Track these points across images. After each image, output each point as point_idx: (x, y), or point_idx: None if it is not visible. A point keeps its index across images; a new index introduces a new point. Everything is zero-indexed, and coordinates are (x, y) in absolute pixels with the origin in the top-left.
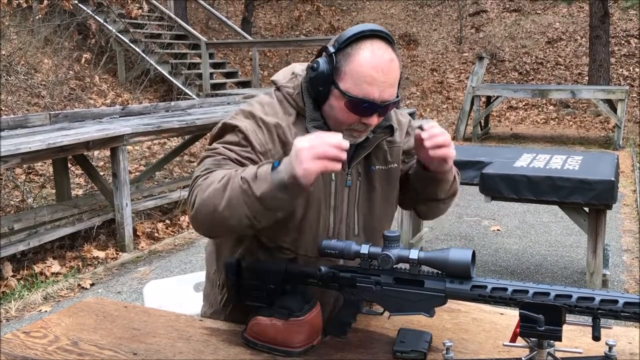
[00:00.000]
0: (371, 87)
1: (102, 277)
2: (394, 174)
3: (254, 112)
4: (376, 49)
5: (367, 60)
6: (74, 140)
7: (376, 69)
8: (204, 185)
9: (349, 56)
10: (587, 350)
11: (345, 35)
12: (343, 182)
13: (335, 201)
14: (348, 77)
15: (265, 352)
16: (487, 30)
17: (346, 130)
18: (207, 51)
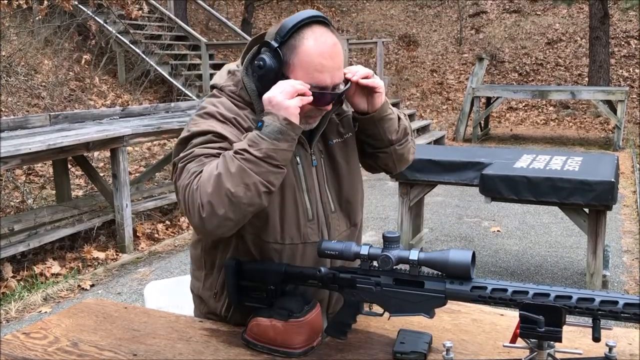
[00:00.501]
0: (322, 74)
1: (102, 278)
2: (350, 143)
3: (210, 112)
4: (318, 35)
5: (313, 49)
6: (74, 141)
7: (323, 55)
8: (203, 182)
9: (294, 48)
10: (587, 351)
11: (286, 27)
12: (309, 163)
13: (307, 183)
14: (298, 69)
15: (265, 353)
16: (487, 31)
17: (302, 117)
18: (207, 52)
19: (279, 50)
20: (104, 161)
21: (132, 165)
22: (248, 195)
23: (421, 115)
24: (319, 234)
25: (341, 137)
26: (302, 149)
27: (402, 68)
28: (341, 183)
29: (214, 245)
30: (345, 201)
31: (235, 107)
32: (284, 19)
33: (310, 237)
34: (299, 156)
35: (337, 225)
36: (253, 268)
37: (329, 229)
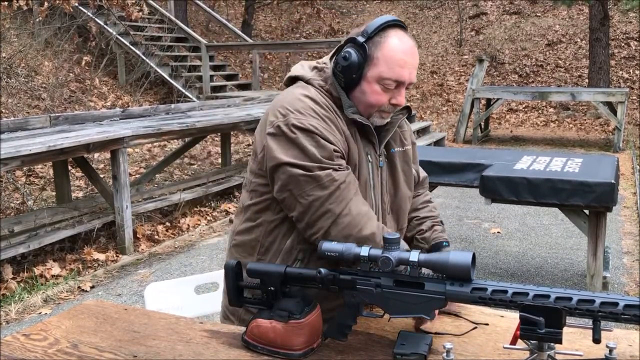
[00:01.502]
0: (402, 69)
1: (102, 279)
2: (409, 154)
3: (309, 106)
4: (401, 35)
5: (398, 46)
6: (74, 142)
7: (406, 53)
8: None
9: (380, 43)
10: (588, 353)
11: (373, 26)
12: (377, 164)
13: (374, 181)
14: (382, 62)
15: (266, 355)
16: (487, 32)
17: (376, 112)
18: (207, 54)
19: (365, 45)
20: (104, 162)
21: (132, 167)
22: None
23: (421, 116)
24: None
25: (402, 146)
26: (372, 149)
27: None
28: (397, 189)
29: (273, 229)
30: (397, 207)
31: (326, 104)
32: (370, 21)
33: None
34: (369, 154)
35: (390, 226)
36: (253, 269)
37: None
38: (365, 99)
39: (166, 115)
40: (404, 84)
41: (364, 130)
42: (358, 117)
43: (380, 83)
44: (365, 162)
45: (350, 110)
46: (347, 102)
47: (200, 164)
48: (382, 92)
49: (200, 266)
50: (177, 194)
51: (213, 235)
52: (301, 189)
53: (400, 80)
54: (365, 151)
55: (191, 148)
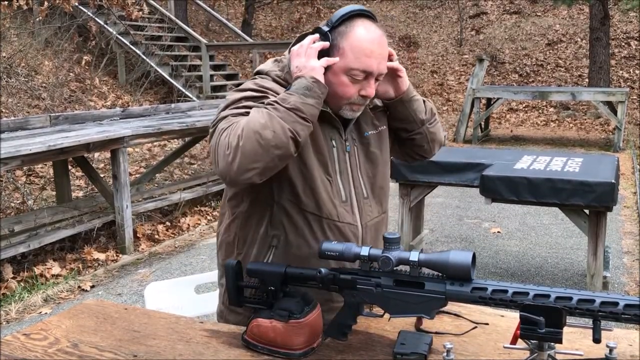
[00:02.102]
0: (370, 59)
1: (103, 279)
2: (384, 135)
3: (248, 86)
4: (368, 25)
5: (364, 35)
6: (74, 142)
7: (372, 42)
8: (233, 129)
9: (345, 33)
10: (588, 353)
11: (337, 15)
12: (343, 149)
13: (340, 166)
14: (348, 52)
15: (266, 354)
16: (487, 32)
17: (345, 105)
18: (207, 53)
19: (329, 35)
20: (104, 162)
21: (133, 166)
22: (276, 138)
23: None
24: (353, 217)
25: (376, 129)
26: (337, 134)
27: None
28: (375, 171)
29: (246, 220)
30: (379, 188)
31: (278, 86)
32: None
33: (345, 218)
34: (334, 140)
35: (369, 211)
36: (253, 268)
37: (361, 213)
38: (333, 91)
39: (166, 115)
40: (372, 75)
41: (325, 116)
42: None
43: (348, 74)
44: (329, 147)
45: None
46: None
47: (200, 164)
48: (350, 83)
49: (200, 266)
50: (177, 194)
51: (213, 235)
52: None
53: (368, 70)
54: (329, 136)
55: (191, 147)
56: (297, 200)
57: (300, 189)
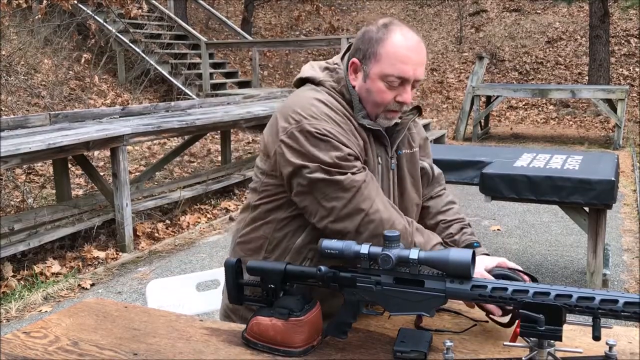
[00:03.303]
0: (406, 65)
1: (103, 277)
2: (417, 157)
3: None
4: (405, 31)
5: (400, 42)
6: (74, 140)
7: (409, 49)
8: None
9: (382, 40)
10: (588, 350)
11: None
12: (388, 166)
13: (382, 184)
14: (384, 58)
15: (266, 352)
16: (487, 30)
17: (383, 112)
18: (207, 51)
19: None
20: (104, 160)
21: (132, 165)
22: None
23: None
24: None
25: (410, 148)
26: (383, 150)
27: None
28: (405, 191)
29: (283, 226)
30: (405, 209)
31: (339, 107)
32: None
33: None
34: (380, 156)
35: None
36: (253, 267)
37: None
38: (371, 98)
39: (166, 113)
40: (409, 81)
41: (375, 134)
42: (367, 122)
43: (384, 80)
44: (375, 164)
45: (360, 114)
46: (357, 105)
47: (200, 162)
48: (387, 89)
49: (200, 264)
50: (177, 192)
51: (213, 233)
52: (323, 192)
53: (403, 76)
54: (376, 153)
55: (191, 146)
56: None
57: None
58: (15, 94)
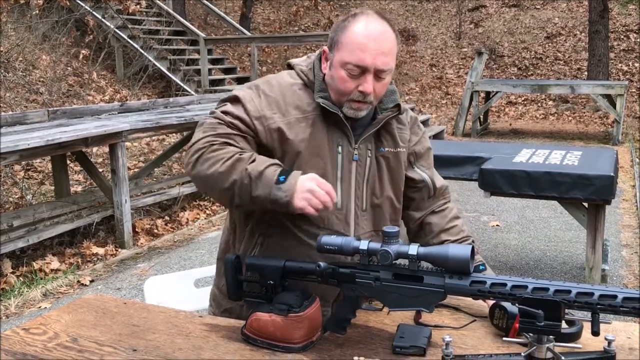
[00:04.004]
0: (363, 53)
1: (102, 273)
2: (401, 157)
3: (257, 83)
4: (370, 21)
5: (360, 30)
6: (72, 136)
7: (368, 37)
8: (213, 155)
9: (345, 28)
10: (586, 346)
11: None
12: (350, 156)
13: (342, 173)
14: (343, 46)
15: (265, 348)
16: (486, 25)
17: (346, 102)
18: (205, 47)
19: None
20: (103, 157)
21: (131, 161)
22: (219, 190)
23: (420, 110)
24: (345, 226)
25: (395, 147)
26: (346, 141)
27: (401, 62)
28: (382, 189)
29: (237, 221)
30: (379, 207)
31: (290, 80)
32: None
33: (334, 226)
34: (341, 146)
35: (364, 224)
36: (252, 263)
37: (356, 225)
38: (334, 86)
39: (165, 109)
40: (369, 70)
41: (335, 119)
42: (322, 101)
43: (344, 68)
44: (333, 152)
45: (319, 94)
46: (318, 86)
47: None
48: (348, 78)
49: (199, 260)
50: (176, 188)
51: (212, 229)
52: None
53: (361, 65)
54: (336, 141)
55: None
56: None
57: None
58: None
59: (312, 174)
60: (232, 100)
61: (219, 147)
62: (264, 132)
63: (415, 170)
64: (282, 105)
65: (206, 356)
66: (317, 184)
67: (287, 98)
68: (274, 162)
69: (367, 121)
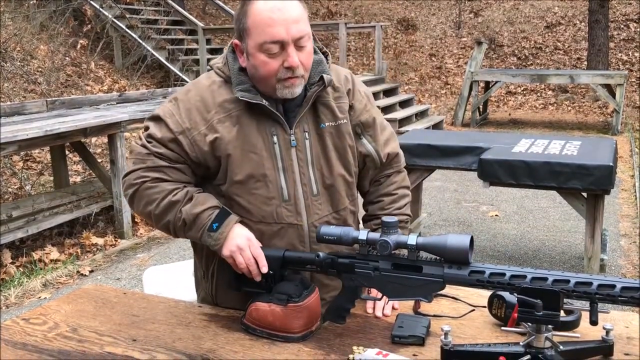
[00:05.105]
0: (273, 28)
1: (101, 264)
2: (344, 129)
3: (177, 95)
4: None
5: (261, 7)
6: (71, 127)
7: (272, 10)
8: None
9: (246, 12)
10: (585, 335)
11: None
12: (287, 143)
13: (283, 163)
14: (252, 30)
15: (265, 338)
16: (486, 14)
17: (278, 84)
18: (204, 37)
19: (239, 20)
20: (102, 147)
21: None
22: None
23: (420, 99)
24: (297, 217)
25: (335, 121)
26: (280, 128)
27: (400, 52)
28: (330, 167)
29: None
30: (330, 186)
31: (206, 82)
32: None
33: (286, 219)
34: (276, 135)
35: (318, 209)
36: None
37: (308, 212)
38: (259, 74)
39: (163, 99)
40: (287, 43)
41: (264, 111)
42: (241, 94)
43: (262, 51)
44: (268, 144)
45: (237, 88)
46: (236, 79)
47: None
48: (269, 59)
49: None
50: None
51: None
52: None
53: (277, 39)
54: (269, 132)
55: None
56: (229, 205)
57: (228, 195)
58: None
59: (247, 233)
60: (154, 119)
61: (151, 186)
62: (190, 146)
63: (362, 142)
64: (203, 110)
65: (206, 346)
66: (249, 244)
67: (206, 101)
68: (210, 206)
69: (298, 101)
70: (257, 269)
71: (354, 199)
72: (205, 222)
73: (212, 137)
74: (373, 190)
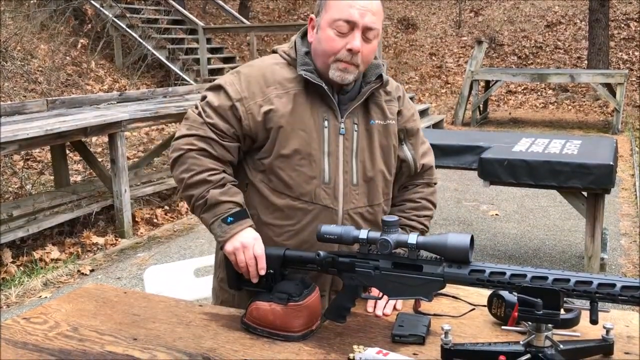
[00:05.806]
0: (352, 8)
1: (102, 263)
2: (392, 129)
3: (239, 68)
4: None
5: None
6: (71, 126)
7: None
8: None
9: None
10: (585, 334)
11: None
12: (336, 130)
13: (329, 147)
14: (332, 6)
15: (265, 337)
16: (486, 14)
17: (333, 64)
18: (204, 36)
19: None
20: (102, 146)
21: (130, 151)
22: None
23: (420, 99)
24: (333, 201)
25: (385, 120)
26: (332, 115)
27: (400, 51)
28: (373, 161)
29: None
30: (371, 179)
31: (271, 61)
32: None
33: (322, 200)
34: (327, 120)
35: (355, 199)
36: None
37: (345, 199)
38: (321, 48)
39: (164, 99)
40: (357, 26)
41: (321, 94)
42: (305, 73)
43: (332, 27)
44: (319, 126)
45: (301, 67)
46: (301, 60)
47: None
48: (336, 37)
49: (199, 249)
50: None
51: None
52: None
53: (350, 19)
54: (321, 116)
55: None
56: (268, 179)
57: (270, 168)
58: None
59: (255, 234)
60: (214, 88)
61: (196, 156)
62: (245, 114)
63: (402, 148)
64: (262, 84)
65: (206, 345)
66: (253, 245)
67: (267, 76)
68: (235, 201)
69: (352, 95)
70: (255, 271)
71: (388, 198)
72: (224, 212)
73: (267, 108)
74: (399, 195)
